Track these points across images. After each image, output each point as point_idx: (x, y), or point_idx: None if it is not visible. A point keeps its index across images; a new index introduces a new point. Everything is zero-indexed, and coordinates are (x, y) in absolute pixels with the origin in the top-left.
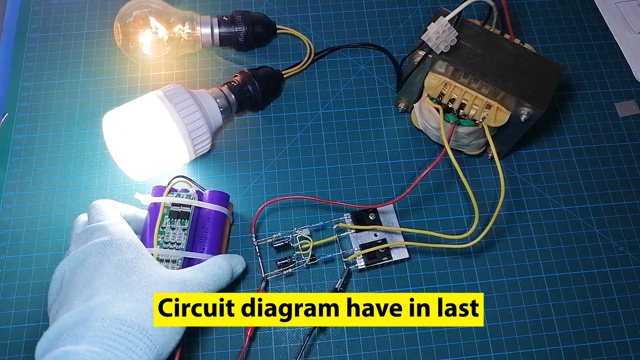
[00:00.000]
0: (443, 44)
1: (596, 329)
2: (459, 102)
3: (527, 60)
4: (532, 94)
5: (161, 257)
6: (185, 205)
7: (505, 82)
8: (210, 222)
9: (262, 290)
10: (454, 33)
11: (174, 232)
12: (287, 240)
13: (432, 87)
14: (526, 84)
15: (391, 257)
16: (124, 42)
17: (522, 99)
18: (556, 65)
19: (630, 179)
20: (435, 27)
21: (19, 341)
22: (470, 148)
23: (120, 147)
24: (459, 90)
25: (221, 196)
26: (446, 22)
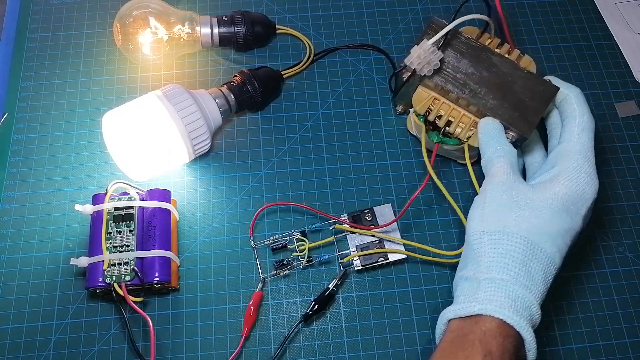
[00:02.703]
0: (426, 67)
1: (595, 330)
2: (445, 119)
3: (519, 80)
4: (518, 117)
5: (112, 262)
6: (128, 207)
7: (492, 104)
8: (155, 219)
9: (260, 290)
10: (438, 56)
11: (121, 236)
12: (285, 242)
13: (420, 102)
14: (514, 107)
15: (387, 257)
16: (123, 42)
17: (507, 123)
18: (550, 86)
19: (630, 179)
20: (417, 51)
21: (18, 341)
22: (462, 159)
23: (119, 147)
24: (446, 107)
25: (162, 193)
26: (429, 45)
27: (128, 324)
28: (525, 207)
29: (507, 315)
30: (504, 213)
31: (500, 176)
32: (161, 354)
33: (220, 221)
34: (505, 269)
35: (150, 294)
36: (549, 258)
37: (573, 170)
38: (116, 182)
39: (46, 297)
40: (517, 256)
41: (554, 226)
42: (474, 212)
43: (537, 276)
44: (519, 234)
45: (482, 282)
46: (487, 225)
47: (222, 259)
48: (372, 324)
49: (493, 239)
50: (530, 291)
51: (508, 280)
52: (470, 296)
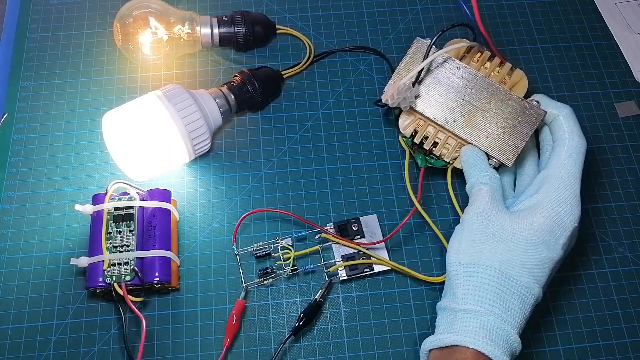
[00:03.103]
0: (402, 103)
1: (595, 330)
2: (431, 141)
3: (504, 106)
4: (501, 143)
5: (113, 262)
6: (128, 207)
7: (473, 131)
8: (156, 219)
9: (243, 299)
10: (414, 92)
11: (121, 236)
12: (269, 250)
13: (405, 126)
14: (496, 132)
15: (373, 268)
16: (123, 42)
17: (489, 152)
18: (536, 111)
19: (630, 179)
20: (391, 90)
21: (18, 341)
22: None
23: (119, 147)
24: (432, 129)
25: (162, 193)
26: (402, 85)
27: (125, 324)
28: (500, 239)
29: (482, 346)
30: (480, 245)
31: (479, 204)
32: (161, 354)
33: (221, 221)
34: (480, 301)
35: (151, 294)
36: (525, 289)
37: (553, 199)
38: (116, 182)
39: (46, 297)
40: (491, 288)
41: (529, 258)
42: (452, 242)
43: (514, 307)
44: (492, 266)
45: (459, 313)
46: (463, 257)
47: (222, 259)
48: (372, 323)
49: (468, 271)
50: (505, 322)
51: (482, 312)
52: (447, 327)
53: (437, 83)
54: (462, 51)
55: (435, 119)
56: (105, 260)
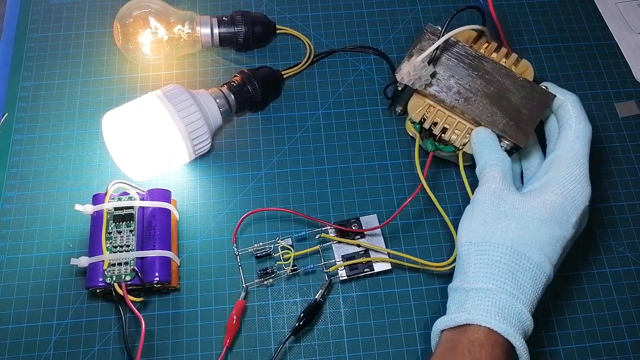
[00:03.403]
0: (417, 82)
1: (596, 330)
2: (441, 126)
3: (514, 89)
4: (513, 126)
5: (113, 262)
6: (128, 207)
7: (487, 114)
8: (156, 219)
9: (243, 299)
10: (429, 71)
11: (121, 236)
12: (269, 250)
13: (415, 109)
14: (508, 116)
15: (373, 268)
16: (123, 42)
17: (501, 132)
18: (546, 94)
19: (630, 179)
20: (407, 67)
21: (18, 341)
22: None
23: (119, 147)
24: (442, 114)
25: (162, 193)
26: (419, 62)
27: (125, 324)
28: (512, 217)
29: (494, 324)
30: (491, 224)
31: (490, 184)
32: (161, 354)
33: (221, 221)
34: (492, 279)
35: (151, 294)
36: (537, 267)
37: (564, 177)
38: (116, 182)
39: (46, 297)
40: (503, 266)
41: (541, 235)
42: (463, 223)
43: (526, 285)
44: (504, 244)
45: (470, 292)
46: (474, 236)
47: (222, 259)
48: (372, 323)
49: (479, 249)
50: (518, 299)
51: (494, 289)
52: (458, 306)
53: (449, 66)
54: (471, 39)
55: (447, 101)
56: (105, 260)
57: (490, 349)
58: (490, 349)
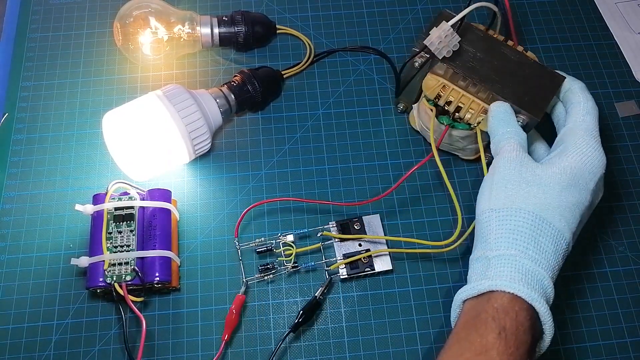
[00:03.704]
0: (445, 49)
1: (596, 329)
2: (455, 104)
3: (527, 68)
4: (528, 101)
5: (113, 262)
6: (129, 207)
7: (503, 89)
8: (156, 219)
9: (243, 294)
10: (457, 38)
11: (121, 236)
12: (271, 246)
13: (429, 88)
14: (523, 92)
15: (374, 267)
16: (123, 42)
17: (518, 106)
18: (557, 75)
19: (630, 179)
20: (437, 32)
21: (18, 341)
22: (465, 152)
23: (120, 147)
24: (456, 93)
25: (163, 193)
26: (449, 27)
27: (125, 324)
28: (533, 183)
29: (518, 289)
30: (512, 190)
31: (510, 153)
32: (162, 353)
33: (221, 221)
34: (514, 244)
35: (151, 294)
36: (558, 232)
37: (580, 144)
38: (116, 182)
39: (47, 297)
40: (526, 231)
41: (562, 201)
42: (482, 191)
43: (548, 250)
44: (526, 209)
45: (492, 260)
46: (495, 203)
47: (222, 259)
48: (373, 323)
49: (501, 215)
50: (540, 265)
51: (517, 255)
52: (480, 275)
53: (465, 46)
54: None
55: (464, 75)
56: (106, 260)
57: (515, 316)
58: (514, 315)
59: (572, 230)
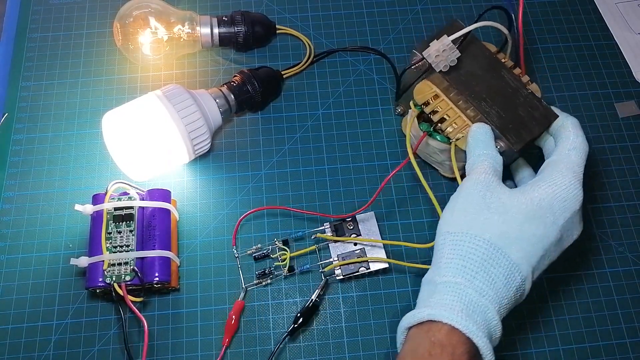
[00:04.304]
0: (442, 63)
1: (596, 330)
2: (440, 115)
3: (522, 98)
4: (511, 129)
5: (112, 262)
6: (128, 207)
7: (490, 110)
8: (156, 219)
9: (242, 300)
10: (456, 54)
11: (121, 236)
12: (267, 252)
13: (421, 93)
14: (510, 119)
15: (369, 266)
16: (123, 42)
17: (499, 132)
18: (551, 112)
19: (630, 179)
20: (437, 45)
21: (18, 341)
22: (444, 168)
23: (119, 147)
24: (445, 105)
25: (162, 193)
26: (449, 41)
27: (125, 324)
28: (495, 210)
29: (456, 320)
30: (472, 214)
31: (480, 175)
32: (161, 354)
33: (221, 221)
34: (462, 272)
35: (151, 294)
36: (513, 265)
37: (556, 177)
38: (116, 182)
39: (46, 297)
40: (476, 258)
41: (523, 232)
42: (445, 211)
43: (498, 282)
44: (482, 236)
45: (438, 286)
46: (453, 226)
47: (222, 259)
48: (372, 323)
49: (455, 239)
50: (486, 297)
51: (462, 283)
52: (424, 300)
53: (467, 62)
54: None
55: (458, 90)
56: (105, 260)
57: (452, 350)
58: (451, 350)
59: (531, 265)
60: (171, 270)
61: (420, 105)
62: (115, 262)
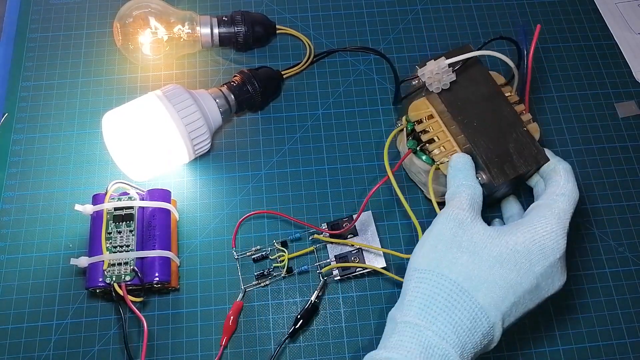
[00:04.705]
0: (435, 84)
1: (595, 330)
2: (430, 136)
3: (516, 134)
4: (496, 163)
5: (112, 262)
6: (128, 207)
7: (479, 139)
8: (155, 219)
9: (241, 300)
10: (450, 78)
11: (121, 236)
12: (266, 253)
13: (416, 110)
14: (497, 152)
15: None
16: (123, 42)
17: (482, 163)
18: (542, 154)
19: (630, 179)
20: (432, 65)
21: (18, 341)
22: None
23: (119, 147)
24: (437, 126)
25: (162, 193)
26: (445, 65)
27: (125, 324)
28: (466, 249)
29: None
30: (441, 252)
31: (454, 210)
32: (161, 353)
33: (221, 221)
34: (423, 313)
35: (151, 294)
36: (480, 310)
37: (537, 222)
38: (116, 182)
39: (46, 297)
40: (440, 300)
41: (493, 276)
42: (416, 247)
43: (461, 327)
44: (449, 276)
45: (398, 325)
46: (421, 263)
47: (222, 259)
48: (372, 324)
49: (421, 277)
50: (447, 341)
51: (422, 325)
52: (385, 340)
53: (467, 87)
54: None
55: (451, 114)
56: (105, 260)
57: None
58: None
59: (501, 311)
60: (171, 270)
61: (413, 122)
62: (115, 262)
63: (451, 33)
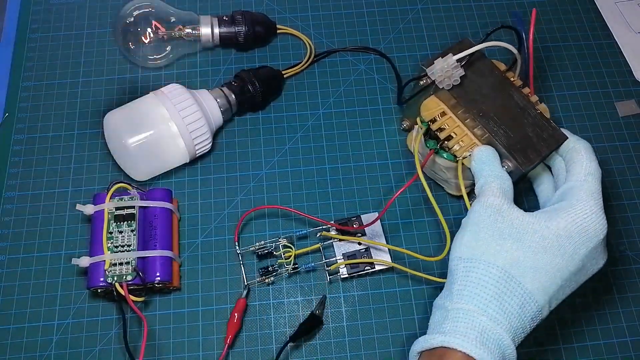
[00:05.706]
0: (446, 81)
1: (597, 328)
2: (447, 133)
3: (530, 118)
4: (519, 150)
5: (114, 262)
6: (129, 207)
7: (497, 129)
8: (157, 219)
9: (244, 298)
10: (460, 73)
11: (122, 235)
12: (270, 249)
13: (428, 109)
14: (517, 139)
15: (374, 265)
16: (124, 42)
17: (506, 151)
18: (560, 133)
19: (630, 178)
20: (441, 63)
21: (19, 341)
22: (450, 186)
23: (120, 147)
24: (452, 122)
25: (163, 192)
26: (454, 61)
27: (126, 324)
28: (509, 236)
29: (470, 349)
30: (484, 240)
31: (488, 197)
32: (163, 353)
33: (222, 221)
34: (475, 300)
35: (152, 294)
36: (528, 294)
37: (576, 205)
38: (117, 182)
39: (47, 297)
40: (490, 287)
41: (538, 262)
42: (456, 236)
43: (512, 311)
44: (495, 264)
45: (450, 312)
46: (465, 252)
47: (223, 259)
48: (374, 322)
49: (468, 266)
50: (499, 325)
51: (475, 311)
52: (437, 326)
53: (475, 80)
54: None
55: (465, 107)
56: (107, 260)
57: None
58: None
59: (549, 295)
60: (172, 270)
61: (427, 122)
62: (116, 261)
63: (451, 32)
